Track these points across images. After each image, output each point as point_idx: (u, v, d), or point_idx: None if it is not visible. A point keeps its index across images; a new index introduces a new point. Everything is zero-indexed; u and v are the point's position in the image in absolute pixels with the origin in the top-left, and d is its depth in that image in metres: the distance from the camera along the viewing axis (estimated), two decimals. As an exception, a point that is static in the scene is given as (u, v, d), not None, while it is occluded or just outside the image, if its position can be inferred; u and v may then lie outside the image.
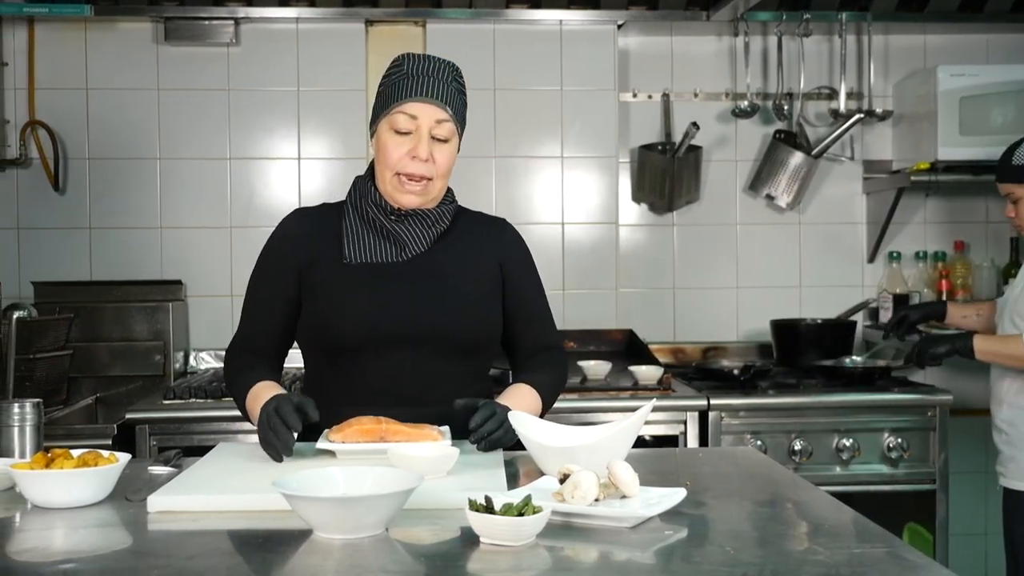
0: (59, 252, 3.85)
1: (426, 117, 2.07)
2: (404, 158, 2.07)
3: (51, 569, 1.41)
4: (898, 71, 4.12)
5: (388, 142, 2.09)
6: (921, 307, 3.47)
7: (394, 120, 2.08)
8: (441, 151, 2.09)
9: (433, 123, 2.07)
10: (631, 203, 4.11)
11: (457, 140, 2.14)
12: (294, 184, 3.93)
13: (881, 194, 4.04)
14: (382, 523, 1.49)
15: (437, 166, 2.09)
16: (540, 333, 2.26)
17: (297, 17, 3.85)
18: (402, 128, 2.08)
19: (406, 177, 2.08)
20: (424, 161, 2.07)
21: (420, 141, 2.07)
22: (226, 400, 3.21)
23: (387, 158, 2.09)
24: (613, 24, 3.96)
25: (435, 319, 2.08)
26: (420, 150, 2.06)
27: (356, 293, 2.08)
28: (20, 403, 1.97)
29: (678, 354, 4.07)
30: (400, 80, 2.09)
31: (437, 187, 2.12)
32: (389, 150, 2.08)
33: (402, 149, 2.07)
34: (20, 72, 3.85)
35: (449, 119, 2.09)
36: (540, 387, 2.16)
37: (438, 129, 2.08)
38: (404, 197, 2.10)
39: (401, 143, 2.08)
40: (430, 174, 2.08)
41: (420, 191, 2.10)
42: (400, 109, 2.07)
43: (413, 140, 2.07)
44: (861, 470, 3.34)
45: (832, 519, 1.63)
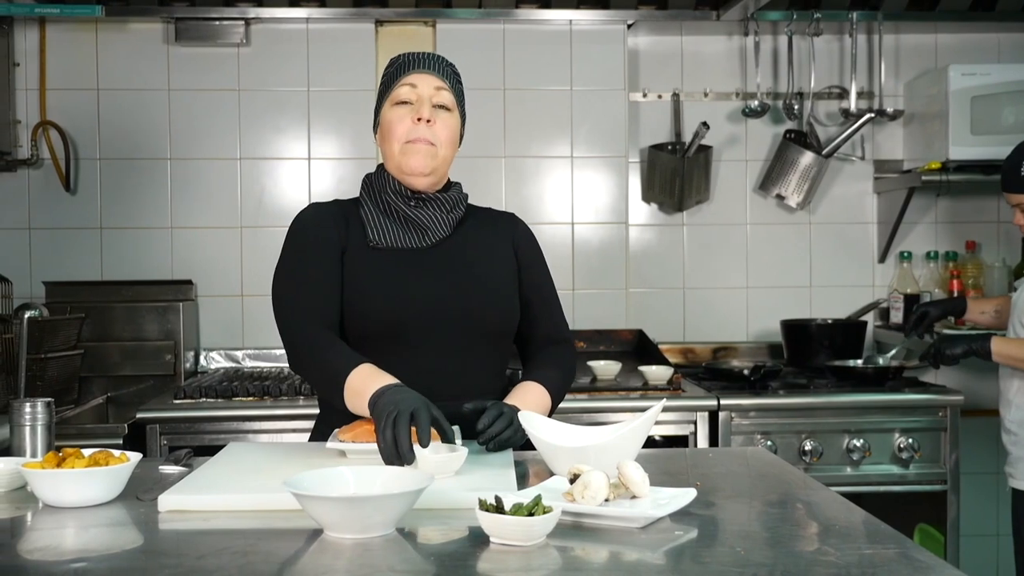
0: (70, 252, 3.87)
1: (425, 85, 2.13)
2: (409, 125, 2.11)
3: (62, 568, 1.41)
4: (909, 70, 4.11)
5: (392, 116, 2.14)
6: (941, 303, 3.45)
7: (396, 94, 2.14)
8: (443, 119, 2.13)
9: (432, 90, 2.13)
10: (641, 203, 4.11)
11: (459, 118, 2.18)
12: (304, 184, 3.93)
13: (892, 194, 4.03)
14: (392, 523, 1.50)
15: (439, 132, 2.12)
16: (551, 324, 2.27)
17: (307, 17, 3.86)
18: (404, 98, 2.13)
19: (410, 143, 2.11)
20: (428, 123, 2.10)
21: (422, 105, 2.12)
22: (236, 399, 3.22)
23: (393, 131, 2.12)
24: (623, 24, 3.96)
25: (462, 304, 2.10)
26: (423, 111, 2.11)
27: (384, 278, 2.09)
28: (32, 402, 1.98)
29: (688, 354, 4.06)
30: (397, 66, 2.18)
31: (441, 155, 2.13)
32: (393, 124, 2.13)
33: (406, 118, 2.12)
34: (32, 73, 3.86)
35: (447, 89, 2.14)
36: (549, 384, 2.15)
37: (438, 96, 2.13)
38: (413, 160, 2.10)
39: (404, 113, 2.12)
40: (434, 139, 2.11)
41: (426, 151, 2.11)
42: (400, 83, 2.14)
43: (415, 107, 2.12)
44: (872, 471, 3.33)
45: (843, 520, 1.62)
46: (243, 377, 3.54)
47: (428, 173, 2.12)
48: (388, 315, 2.07)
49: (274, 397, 3.24)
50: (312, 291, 2.09)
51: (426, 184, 2.14)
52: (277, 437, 3.16)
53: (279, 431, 3.17)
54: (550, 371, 2.19)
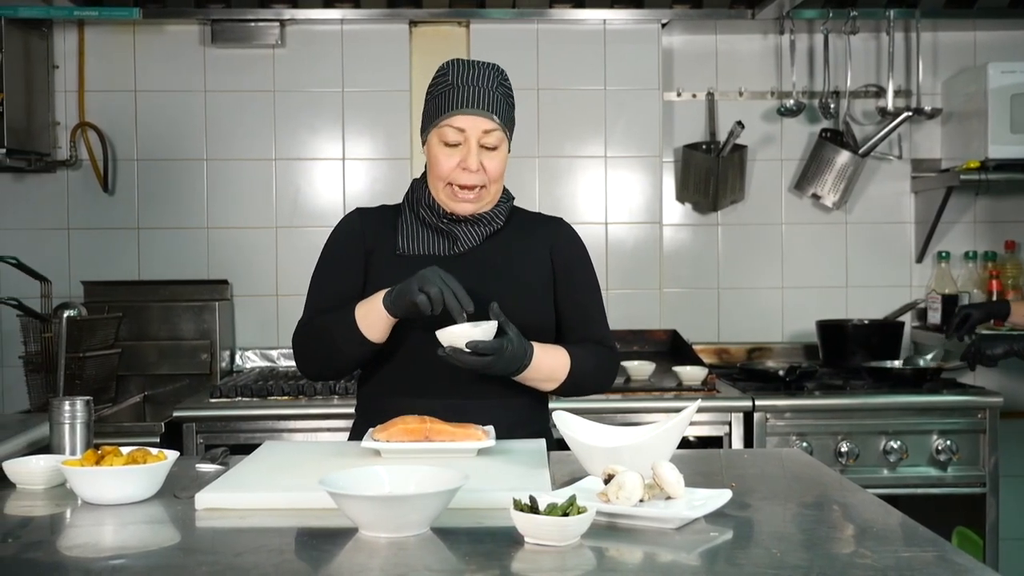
0: (108, 252, 3.91)
1: (473, 129, 2.10)
2: (455, 169, 2.10)
3: (101, 564, 1.43)
4: (947, 68, 4.07)
5: (438, 154, 2.12)
6: (984, 306, 3.41)
7: (442, 133, 2.11)
8: (491, 159, 2.12)
9: (481, 133, 2.10)
10: (675, 203, 4.10)
11: (507, 144, 2.17)
12: (339, 184, 3.95)
13: (930, 193, 3.99)
14: (427, 522, 1.50)
15: (488, 173, 2.11)
16: (591, 332, 2.22)
17: (342, 18, 3.87)
18: (451, 140, 2.10)
19: (459, 187, 2.11)
20: (475, 171, 2.10)
21: (469, 153, 2.09)
22: (272, 399, 3.24)
23: (438, 169, 2.12)
24: (657, 23, 3.95)
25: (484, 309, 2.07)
26: (470, 162, 2.09)
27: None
28: (71, 401, 2.00)
29: (722, 355, 4.04)
30: (446, 91, 2.12)
31: (491, 192, 2.15)
32: (440, 162, 2.12)
33: (452, 161, 2.10)
34: (70, 75, 3.90)
35: (497, 127, 2.11)
36: (574, 357, 2.14)
37: (486, 139, 2.11)
38: (458, 206, 2.13)
39: (451, 155, 2.11)
40: (482, 182, 2.12)
41: (474, 199, 2.13)
42: (447, 122, 2.10)
43: (462, 151, 2.10)
44: (909, 473, 3.30)
45: (880, 522, 1.61)
46: (278, 376, 3.56)
47: (474, 212, 2.15)
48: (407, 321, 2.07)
49: (309, 396, 3.26)
50: (326, 297, 2.16)
51: (471, 214, 2.16)
52: (312, 436, 3.17)
53: (314, 430, 3.19)
54: (581, 349, 2.16)
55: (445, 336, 1.95)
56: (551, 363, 2.10)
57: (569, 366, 2.13)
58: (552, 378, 2.12)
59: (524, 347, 2.02)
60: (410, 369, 2.11)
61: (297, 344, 2.18)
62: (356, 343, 2.06)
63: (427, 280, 1.95)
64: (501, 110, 2.12)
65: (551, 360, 2.10)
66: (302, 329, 2.17)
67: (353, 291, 2.15)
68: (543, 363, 2.08)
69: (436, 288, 1.93)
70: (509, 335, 2.00)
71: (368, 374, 2.20)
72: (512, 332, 2.00)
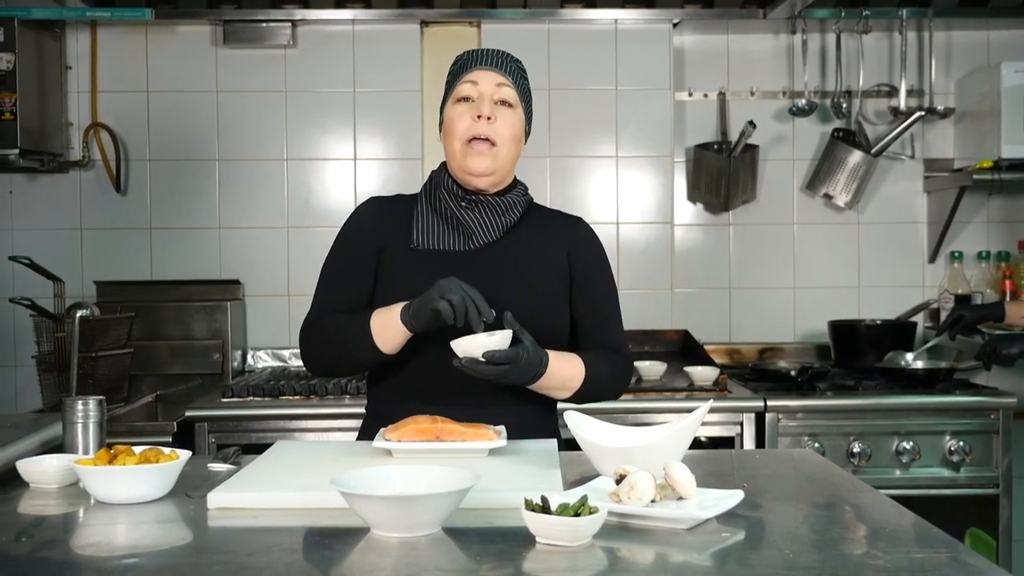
0: (120, 252, 3.92)
1: (487, 82, 2.12)
2: (468, 122, 2.10)
3: (114, 564, 1.43)
4: (960, 68, 4.05)
5: (453, 113, 2.14)
6: (979, 308, 3.41)
7: (458, 91, 2.14)
8: (505, 116, 2.12)
9: (494, 87, 2.12)
10: (686, 203, 4.09)
11: (523, 114, 2.17)
12: (350, 184, 3.96)
13: (942, 193, 3.98)
14: (438, 522, 1.50)
15: (500, 132, 2.10)
16: (606, 337, 2.20)
17: (353, 19, 3.88)
18: (465, 94, 2.13)
19: (475, 139, 2.10)
20: (488, 120, 2.09)
21: (483, 102, 2.11)
22: (284, 398, 3.25)
23: (454, 128, 2.12)
24: (668, 23, 3.94)
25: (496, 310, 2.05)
26: (483, 108, 2.10)
27: (420, 280, 2.05)
28: (84, 400, 2.00)
29: (734, 355, 4.04)
30: (461, 63, 2.17)
31: (503, 154, 2.12)
32: (454, 121, 2.13)
33: (466, 116, 2.11)
34: (83, 75, 3.92)
35: (510, 85, 2.13)
36: (588, 364, 2.12)
37: (499, 92, 2.13)
38: (474, 161, 2.10)
39: (465, 111, 2.12)
40: (494, 137, 2.10)
41: (487, 151, 2.10)
42: (462, 80, 2.14)
43: (476, 104, 2.11)
44: (922, 474, 3.29)
45: (892, 523, 1.60)
46: (290, 376, 3.57)
47: (489, 173, 2.11)
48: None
49: (320, 396, 3.26)
50: (336, 289, 2.16)
51: (487, 184, 2.13)
52: (324, 436, 3.18)
53: (326, 430, 3.19)
54: (595, 357, 2.15)
55: (460, 346, 1.93)
56: (566, 372, 2.08)
57: (584, 375, 2.11)
58: (566, 387, 2.11)
59: (539, 356, 2.01)
60: (421, 375, 2.10)
61: (305, 341, 2.16)
62: (369, 352, 2.05)
63: (448, 289, 1.93)
64: (516, 79, 2.16)
65: (566, 369, 2.08)
66: (310, 326, 2.16)
67: (363, 289, 2.15)
68: (558, 372, 2.06)
69: (458, 296, 1.92)
70: (524, 344, 1.97)
71: (378, 378, 2.19)
72: (527, 341, 1.98)
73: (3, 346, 3.88)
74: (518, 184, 2.21)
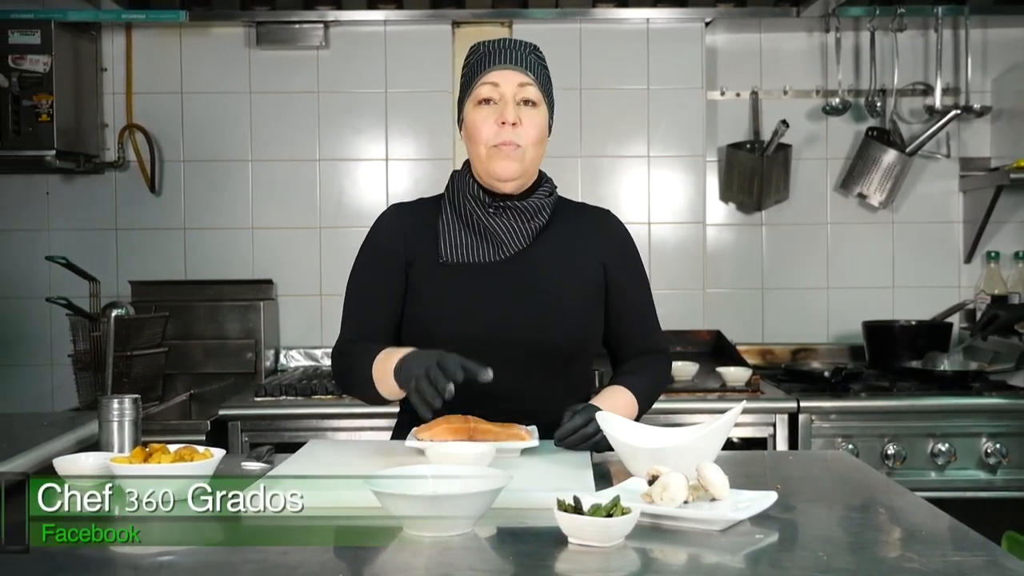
0: (155, 252, 3.95)
1: (508, 83, 2.03)
2: (493, 128, 2.03)
3: (148, 561, 1.45)
4: (997, 66, 4.01)
5: (475, 117, 2.05)
6: (1015, 308, 3.37)
7: (478, 93, 2.05)
8: (530, 117, 2.04)
9: (516, 87, 2.03)
10: (719, 202, 4.07)
11: (546, 110, 2.09)
12: (382, 185, 3.97)
13: (979, 192, 3.94)
14: (471, 522, 1.50)
15: (526, 132, 2.03)
16: (643, 337, 2.19)
17: (385, 20, 3.89)
18: (486, 96, 2.04)
19: (501, 145, 2.03)
20: (513, 126, 2.02)
21: (506, 106, 2.03)
22: (316, 397, 3.26)
23: (478, 134, 2.05)
24: (701, 22, 3.93)
25: (529, 324, 2.04)
26: (507, 114, 2.02)
27: (450, 295, 2.05)
28: (119, 399, 2.02)
29: (767, 355, 4.01)
30: (477, 59, 2.08)
31: (529, 156, 2.05)
32: (477, 125, 2.04)
33: (490, 120, 2.03)
34: (118, 77, 3.96)
35: (532, 83, 2.04)
36: (636, 390, 2.10)
37: (522, 92, 2.04)
38: (500, 165, 2.03)
39: (488, 114, 2.04)
40: (520, 141, 2.03)
41: (513, 154, 2.03)
42: (482, 81, 2.05)
43: (499, 108, 2.03)
44: (957, 476, 3.25)
45: (928, 526, 1.59)
46: (322, 375, 3.59)
47: (516, 177, 2.06)
48: (450, 331, 2.03)
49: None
50: (366, 306, 2.12)
51: (513, 187, 2.08)
52: (355, 435, 3.19)
53: (358, 429, 3.20)
54: (638, 378, 2.13)
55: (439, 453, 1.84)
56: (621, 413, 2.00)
57: (636, 406, 2.10)
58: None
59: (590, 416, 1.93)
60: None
61: (334, 367, 2.13)
62: (374, 393, 2.00)
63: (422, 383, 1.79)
64: (537, 72, 2.07)
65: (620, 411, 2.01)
66: (339, 353, 2.11)
67: (394, 306, 2.10)
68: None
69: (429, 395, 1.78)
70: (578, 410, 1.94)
71: None
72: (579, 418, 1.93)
73: (40, 345, 3.92)
74: (543, 181, 2.15)
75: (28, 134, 3.58)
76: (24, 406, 3.84)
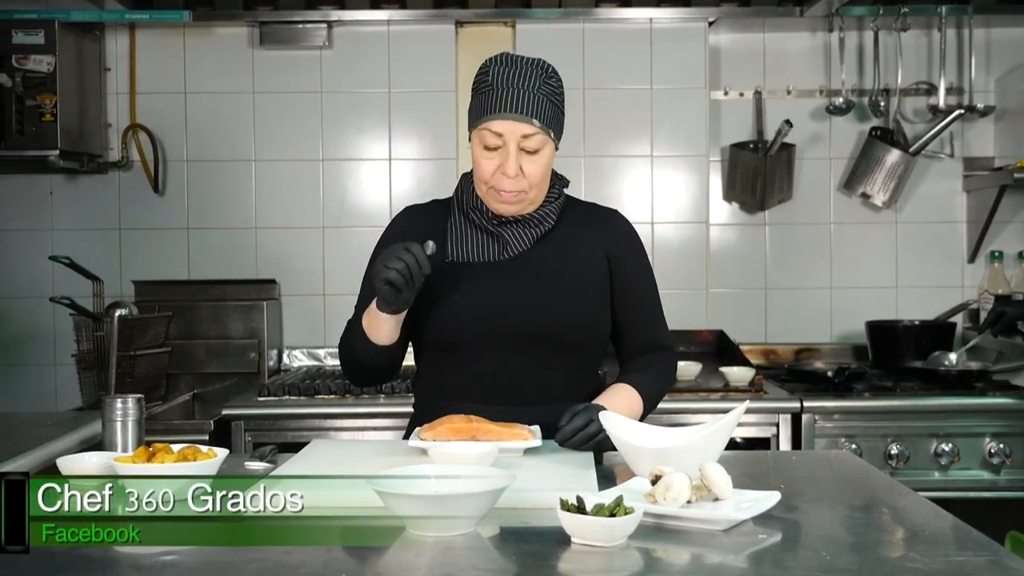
0: (158, 252, 3.95)
1: (512, 134, 2.02)
2: (495, 173, 2.05)
3: (152, 560, 1.45)
4: (1001, 65, 4.00)
5: (479, 157, 2.07)
6: (1021, 304, 3.36)
7: (482, 136, 2.05)
8: (532, 162, 2.04)
9: (519, 138, 2.03)
10: (722, 202, 4.07)
11: (552, 145, 2.09)
12: (385, 185, 3.97)
13: (982, 192, 3.93)
14: (474, 521, 1.50)
15: (529, 178, 2.05)
16: (649, 333, 2.21)
17: (388, 19, 3.89)
18: (490, 144, 2.05)
19: (499, 191, 2.06)
20: (513, 177, 2.04)
21: (508, 158, 2.03)
22: (319, 397, 3.27)
23: (480, 172, 2.08)
24: (704, 21, 3.92)
25: (534, 317, 2.07)
26: (508, 167, 2.03)
27: (456, 291, 2.08)
28: (123, 398, 2.02)
29: (770, 355, 4.01)
30: (486, 92, 2.06)
31: (532, 195, 2.09)
32: (480, 165, 2.07)
33: (492, 165, 2.05)
34: (122, 77, 3.96)
35: (537, 131, 2.03)
36: (641, 388, 2.12)
37: (526, 143, 2.03)
38: (499, 207, 2.09)
39: (491, 158, 2.05)
40: (521, 187, 2.06)
41: (514, 200, 2.08)
42: (486, 126, 2.04)
43: (501, 156, 2.04)
44: (961, 476, 3.25)
45: (931, 526, 1.59)
46: (325, 375, 3.59)
47: (516, 214, 2.11)
48: (457, 326, 2.07)
49: (356, 395, 3.28)
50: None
51: (515, 212, 2.12)
52: (359, 435, 3.19)
53: (361, 428, 3.21)
54: (643, 375, 2.15)
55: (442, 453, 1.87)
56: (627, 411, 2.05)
57: (642, 404, 2.12)
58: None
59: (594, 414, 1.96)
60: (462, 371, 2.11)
61: (341, 355, 2.20)
62: (370, 348, 2.08)
63: (387, 258, 1.92)
64: (543, 111, 2.04)
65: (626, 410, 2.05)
66: (341, 340, 2.19)
67: None
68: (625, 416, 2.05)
69: (400, 263, 1.90)
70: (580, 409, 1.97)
71: (423, 378, 2.21)
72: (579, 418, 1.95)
73: (43, 345, 3.93)
74: (551, 186, 2.17)
75: (32, 134, 3.58)
76: (27, 406, 3.84)
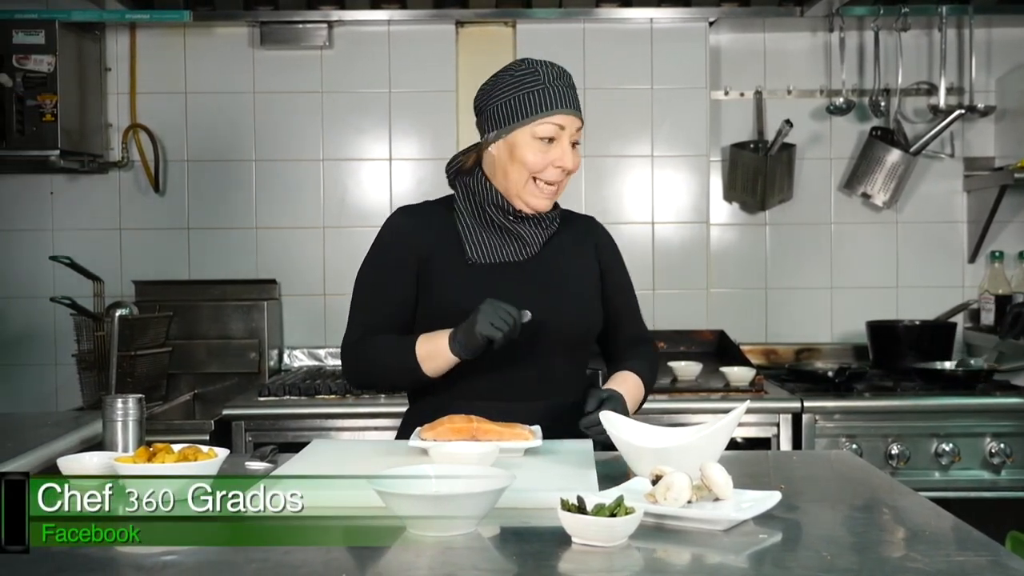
0: (159, 252, 3.95)
1: (571, 126, 2.13)
2: (548, 166, 2.12)
3: (152, 561, 1.45)
4: (1001, 65, 4.00)
5: (531, 150, 2.12)
6: None
7: (539, 129, 2.11)
8: (575, 155, 2.16)
9: (574, 131, 2.14)
10: (722, 202, 4.07)
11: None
12: (386, 185, 3.97)
13: (983, 192, 3.93)
14: (474, 521, 1.50)
15: (573, 169, 2.16)
16: (634, 325, 2.33)
17: (389, 19, 3.89)
18: (548, 135, 2.12)
19: (544, 182, 2.13)
20: (571, 168, 2.14)
21: (565, 151, 2.12)
22: (320, 397, 3.27)
23: (529, 164, 2.12)
24: (704, 21, 3.92)
25: (555, 317, 2.13)
26: (566, 160, 2.12)
27: (484, 293, 2.08)
28: (123, 398, 2.02)
29: (770, 355, 4.01)
30: (540, 89, 2.12)
31: (563, 189, 2.19)
32: (528, 157, 2.11)
33: (546, 156, 2.12)
34: (123, 77, 3.96)
35: (582, 125, 2.17)
36: (642, 376, 2.23)
37: (576, 136, 2.16)
38: (537, 200, 2.15)
39: (546, 151, 2.12)
40: (561, 179, 2.16)
41: (553, 195, 2.17)
42: (547, 120, 2.11)
43: (557, 148, 2.12)
44: (961, 476, 3.25)
45: (931, 526, 1.59)
46: (325, 375, 3.59)
47: (546, 210, 2.18)
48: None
49: (356, 395, 3.28)
50: (377, 306, 2.18)
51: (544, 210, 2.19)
52: (359, 435, 3.19)
53: (361, 428, 3.21)
54: (640, 364, 2.26)
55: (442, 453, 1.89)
56: (635, 396, 2.20)
57: (643, 389, 2.24)
58: (637, 405, 2.22)
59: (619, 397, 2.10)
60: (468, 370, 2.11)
61: (347, 361, 2.18)
62: (414, 377, 2.11)
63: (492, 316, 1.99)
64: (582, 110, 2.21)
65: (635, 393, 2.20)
66: (352, 347, 2.17)
67: (405, 304, 2.17)
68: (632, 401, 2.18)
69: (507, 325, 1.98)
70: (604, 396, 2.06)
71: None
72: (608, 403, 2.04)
73: (44, 345, 3.93)
74: None
75: (32, 134, 3.58)
76: (28, 406, 3.84)
